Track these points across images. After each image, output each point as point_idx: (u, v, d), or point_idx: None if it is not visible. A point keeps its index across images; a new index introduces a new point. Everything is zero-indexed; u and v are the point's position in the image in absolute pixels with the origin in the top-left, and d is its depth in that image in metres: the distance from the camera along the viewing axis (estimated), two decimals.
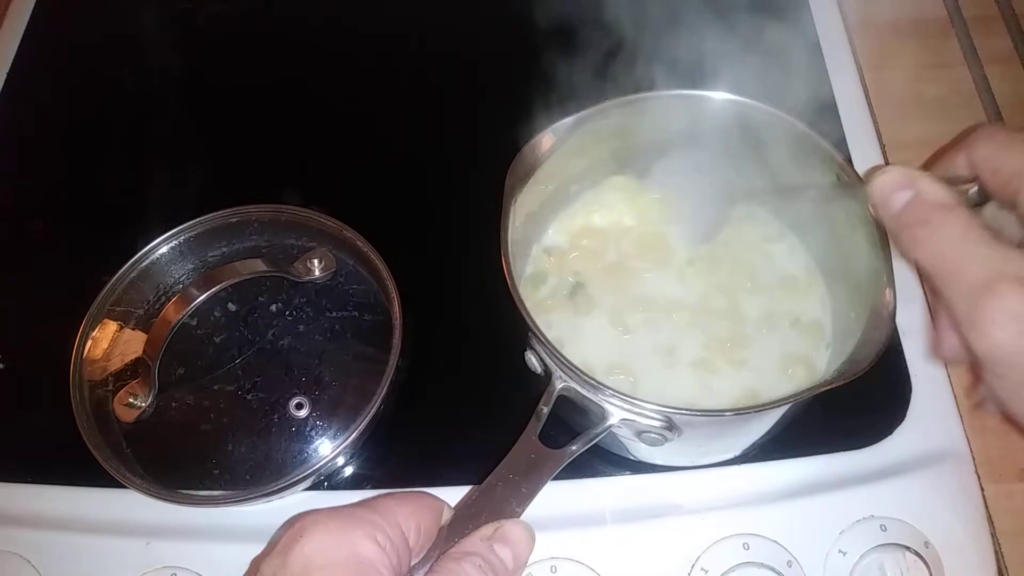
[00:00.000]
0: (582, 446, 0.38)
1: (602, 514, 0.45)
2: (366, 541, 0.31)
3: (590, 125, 0.45)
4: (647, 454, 0.45)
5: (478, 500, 0.36)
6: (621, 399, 0.37)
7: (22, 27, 0.68)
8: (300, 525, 0.32)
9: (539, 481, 0.37)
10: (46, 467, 0.47)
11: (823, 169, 0.44)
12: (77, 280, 0.51)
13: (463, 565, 0.32)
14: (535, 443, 0.38)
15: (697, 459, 0.46)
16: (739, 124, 0.46)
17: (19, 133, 0.63)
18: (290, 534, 0.32)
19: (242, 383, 0.47)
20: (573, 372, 0.38)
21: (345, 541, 0.31)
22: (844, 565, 0.42)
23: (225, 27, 0.68)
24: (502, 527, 0.34)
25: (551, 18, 0.57)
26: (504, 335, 0.43)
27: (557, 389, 0.39)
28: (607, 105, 0.45)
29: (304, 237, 0.52)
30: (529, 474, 0.37)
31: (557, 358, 0.39)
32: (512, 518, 0.35)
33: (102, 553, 0.44)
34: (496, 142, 0.46)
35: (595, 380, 0.38)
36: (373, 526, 0.32)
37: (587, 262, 0.50)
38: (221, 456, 0.45)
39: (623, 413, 0.38)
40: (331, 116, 0.62)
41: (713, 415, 0.39)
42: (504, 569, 0.33)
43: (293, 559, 0.31)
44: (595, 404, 0.38)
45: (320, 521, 0.32)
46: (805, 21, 0.63)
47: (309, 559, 0.31)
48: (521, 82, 0.53)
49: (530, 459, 0.37)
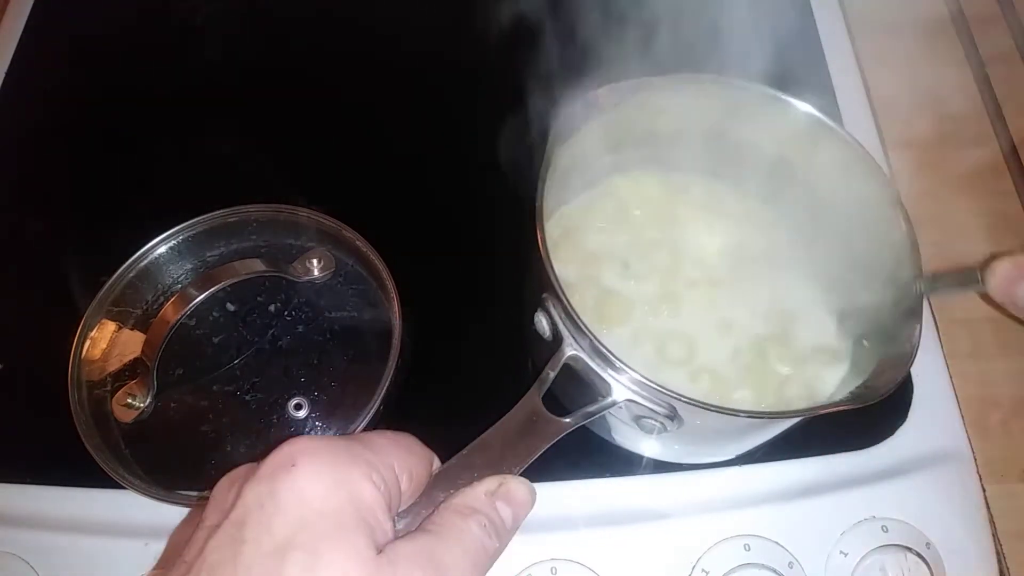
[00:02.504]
0: (579, 420, 0.37)
1: (603, 515, 0.44)
2: (364, 482, 0.28)
3: (646, 95, 0.44)
4: (631, 441, 0.44)
5: (474, 452, 0.34)
6: (630, 375, 0.36)
7: (21, 27, 0.68)
8: (290, 451, 0.28)
9: (537, 445, 0.35)
10: (44, 468, 0.47)
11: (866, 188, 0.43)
12: (75, 280, 0.50)
13: (469, 523, 0.30)
14: (538, 404, 0.36)
15: (682, 456, 0.45)
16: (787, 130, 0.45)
17: (17, 133, 0.63)
18: (278, 459, 0.28)
19: (241, 383, 0.47)
20: (586, 337, 0.37)
21: (342, 480, 0.28)
22: (845, 566, 0.42)
23: (224, 26, 0.68)
24: (506, 484, 0.32)
25: (554, 16, 0.57)
26: (504, 335, 0.43)
27: (565, 356, 0.37)
28: (665, 79, 0.44)
29: (303, 237, 0.52)
30: (528, 435, 0.35)
31: (573, 321, 0.37)
32: (512, 475, 0.33)
33: (100, 554, 0.44)
34: (497, 142, 0.46)
35: (607, 349, 0.36)
36: (369, 465, 0.29)
37: (609, 236, 0.49)
38: (220, 457, 0.45)
39: (629, 393, 0.37)
40: (331, 115, 0.62)
41: (727, 412, 0.37)
42: (504, 530, 0.31)
43: (284, 492, 0.27)
44: (600, 378, 0.37)
45: (313, 452, 0.28)
46: (806, 21, 0.63)
47: (303, 497, 0.27)
48: (522, 82, 0.53)
49: (531, 420, 0.36)
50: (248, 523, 0.27)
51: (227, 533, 0.27)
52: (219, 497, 0.30)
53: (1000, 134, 0.60)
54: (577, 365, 0.38)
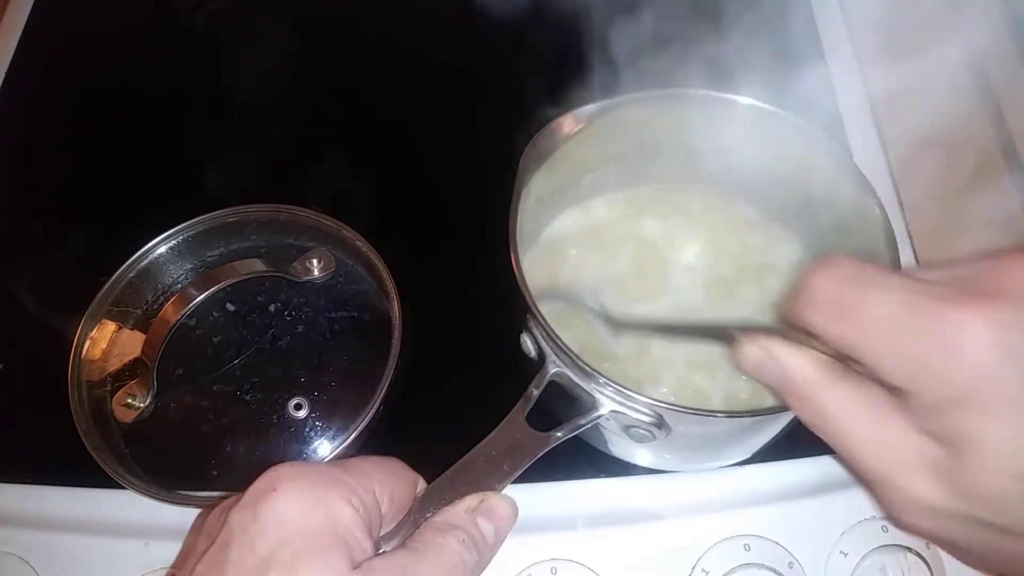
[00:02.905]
0: (568, 433, 0.37)
1: (603, 515, 0.44)
2: (342, 503, 0.30)
3: (612, 115, 0.44)
4: (625, 452, 0.44)
5: (458, 472, 0.35)
6: (613, 389, 0.37)
7: (20, 26, 0.68)
8: (272, 477, 0.30)
9: (521, 462, 0.36)
10: (44, 468, 0.47)
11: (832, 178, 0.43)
12: (75, 280, 0.51)
13: (448, 539, 0.31)
14: (522, 423, 0.37)
15: (681, 464, 0.45)
16: (756, 132, 0.45)
17: (17, 133, 0.63)
18: (261, 485, 0.30)
19: (241, 383, 0.47)
20: (567, 356, 0.37)
21: (320, 502, 0.30)
22: (846, 566, 0.42)
23: (224, 26, 0.68)
24: (488, 500, 0.34)
25: (555, 17, 0.57)
26: (504, 335, 0.43)
27: (550, 373, 0.38)
28: (630, 97, 0.44)
29: (303, 237, 0.52)
30: (512, 453, 0.36)
31: (552, 340, 0.38)
32: (494, 492, 0.34)
33: (100, 554, 0.44)
34: (496, 142, 0.46)
35: (589, 366, 0.37)
36: (348, 488, 0.31)
37: (591, 257, 0.49)
38: (220, 457, 0.45)
39: (613, 404, 0.37)
40: (330, 115, 0.62)
41: (704, 414, 0.38)
42: (485, 545, 0.32)
43: (265, 516, 0.29)
44: (586, 392, 0.37)
45: (293, 477, 0.30)
46: (806, 21, 0.63)
47: (283, 518, 0.29)
48: (523, 82, 0.53)
49: (515, 438, 0.37)
50: (232, 545, 0.29)
51: (213, 556, 0.29)
52: (209, 526, 0.32)
53: (1000, 134, 0.59)
54: (563, 381, 0.39)
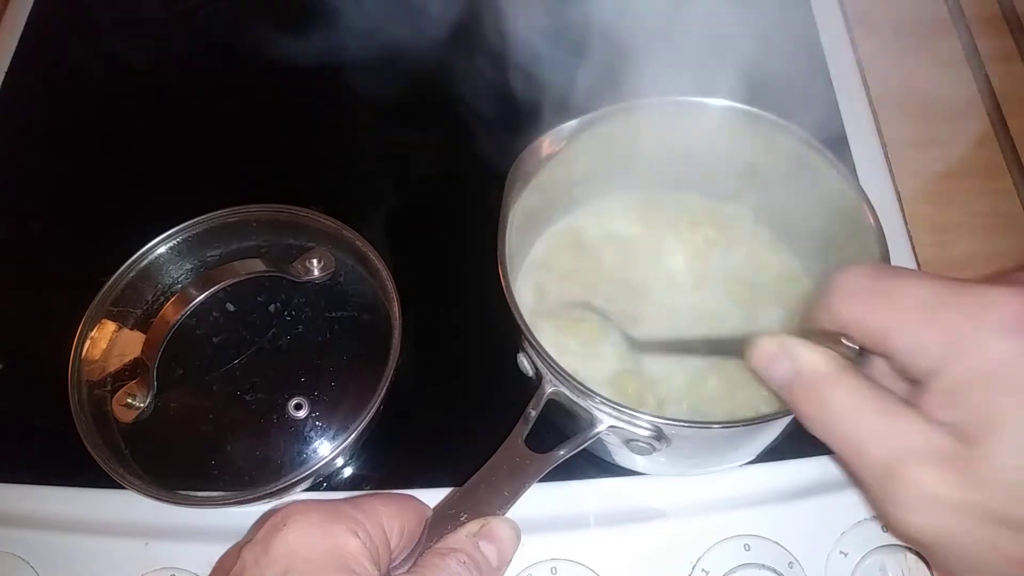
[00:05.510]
0: (569, 451, 0.38)
1: (603, 515, 0.44)
2: (348, 535, 0.32)
3: (593, 129, 0.45)
4: (632, 462, 0.44)
5: (459, 500, 0.36)
6: (610, 406, 0.37)
7: (20, 26, 0.68)
8: (283, 514, 0.32)
9: (522, 484, 0.37)
10: (44, 468, 0.47)
11: (820, 184, 0.43)
12: (75, 280, 0.50)
13: (448, 561, 0.32)
14: (520, 446, 0.38)
15: (686, 471, 0.45)
16: (742, 134, 0.45)
17: (17, 133, 0.63)
18: (272, 523, 0.32)
19: (241, 383, 0.47)
20: (563, 377, 0.38)
21: (328, 534, 0.31)
22: (846, 566, 0.42)
23: (225, 25, 0.68)
24: (488, 524, 0.35)
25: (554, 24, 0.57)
26: (504, 336, 0.43)
27: (547, 393, 0.39)
28: (610, 110, 0.45)
29: (303, 237, 0.52)
30: (512, 477, 0.37)
31: (547, 362, 0.38)
32: (495, 516, 0.35)
33: (100, 554, 0.44)
34: (496, 143, 0.46)
35: (584, 386, 0.37)
36: (355, 522, 0.32)
37: (585, 270, 0.49)
38: (220, 457, 0.45)
39: (612, 420, 0.38)
40: (330, 115, 0.62)
41: (699, 426, 0.38)
42: (488, 566, 0.33)
43: (276, 549, 0.31)
44: (584, 410, 0.38)
45: (303, 512, 0.32)
46: (806, 21, 0.63)
47: (292, 549, 0.31)
48: (523, 86, 0.53)
49: (514, 462, 0.37)
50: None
51: None
52: (224, 563, 0.34)
53: (1000, 134, 0.59)
54: (560, 399, 0.39)
